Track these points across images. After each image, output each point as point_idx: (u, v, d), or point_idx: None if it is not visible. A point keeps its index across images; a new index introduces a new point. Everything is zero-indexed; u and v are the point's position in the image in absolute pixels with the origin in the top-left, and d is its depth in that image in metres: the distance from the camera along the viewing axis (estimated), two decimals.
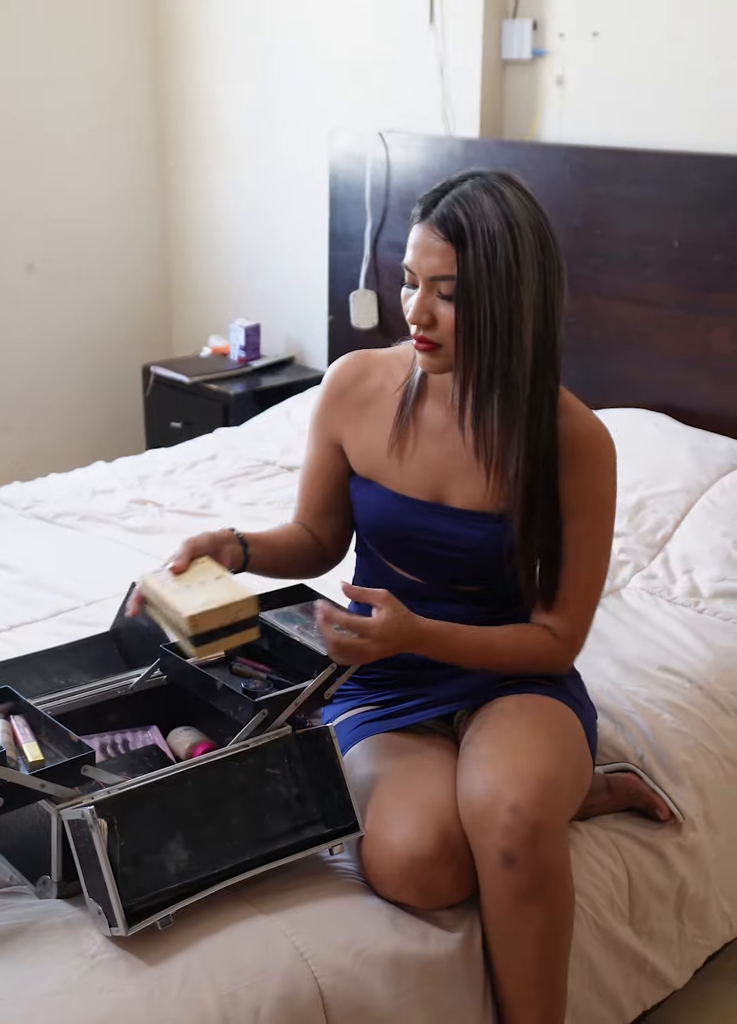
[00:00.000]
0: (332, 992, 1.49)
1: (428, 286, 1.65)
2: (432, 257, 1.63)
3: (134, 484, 3.11)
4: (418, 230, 1.66)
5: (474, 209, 1.60)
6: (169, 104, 4.36)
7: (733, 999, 2.16)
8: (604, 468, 1.79)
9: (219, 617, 1.60)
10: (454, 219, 1.60)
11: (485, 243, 1.59)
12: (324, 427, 1.91)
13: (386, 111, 3.64)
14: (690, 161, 2.95)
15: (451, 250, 1.61)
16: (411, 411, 1.84)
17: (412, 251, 1.67)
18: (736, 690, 2.20)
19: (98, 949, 1.45)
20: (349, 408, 1.88)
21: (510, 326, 1.64)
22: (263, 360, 4.15)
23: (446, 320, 1.65)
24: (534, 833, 1.55)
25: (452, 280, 1.62)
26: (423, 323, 1.67)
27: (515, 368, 1.66)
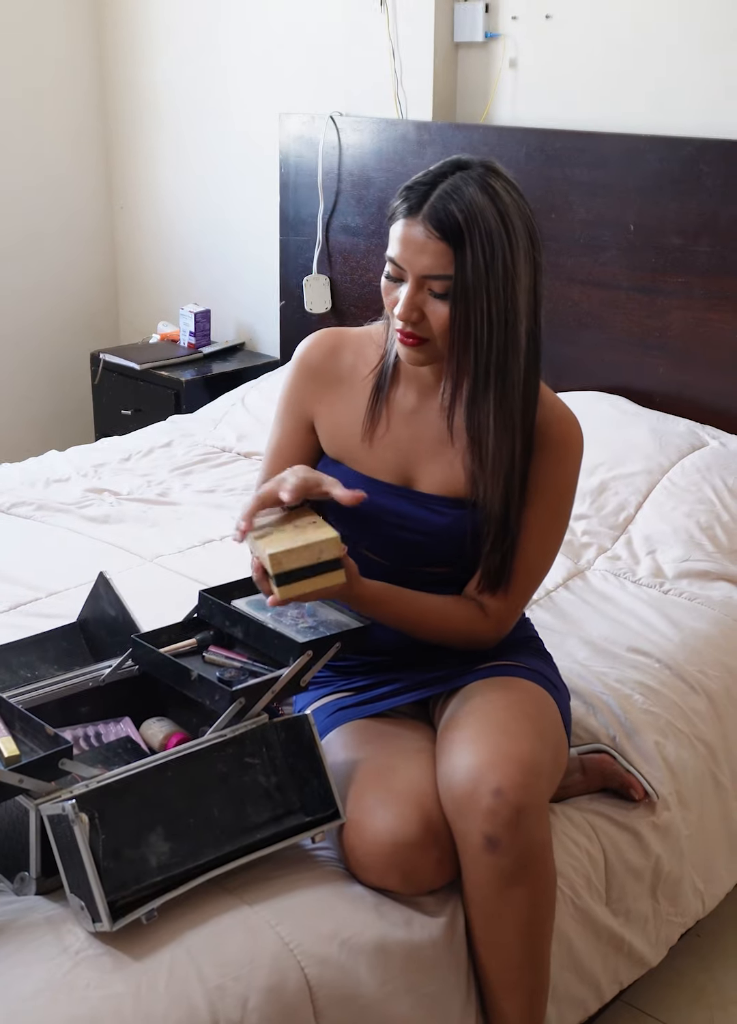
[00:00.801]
0: (318, 981, 1.48)
1: (419, 283, 1.63)
2: (426, 256, 1.61)
3: (89, 473, 3.07)
4: (409, 226, 1.62)
5: (470, 208, 1.57)
6: (113, 86, 4.29)
7: (705, 975, 2.18)
8: (571, 458, 1.80)
9: (301, 557, 1.58)
10: (450, 218, 1.58)
11: (483, 243, 1.58)
12: (296, 405, 1.88)
13: (337, 94, 3.61)
14: (645, 143, 2.95)
15: (447, 250, 1.59)
16: (387, 394, 1.82)
17: (402, 247, 1.63)
18: (704, 670, 2.22)
19: (82, 945, 1.42)
20: (321, 386, 1.86)
21: (506, 325, 1.63)
22: (214, 346, 4.11)
23: (437, 317, 1.64)
24: (517, 816, 1.55)
25: (446, 280, 1.61)
26: (413, 320, 1.65)
27: (511, 366, 1.66)
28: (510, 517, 1.73)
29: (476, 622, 1.79)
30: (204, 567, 2.49)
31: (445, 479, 1.80)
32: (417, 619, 1.77)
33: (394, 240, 1.65)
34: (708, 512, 2.60)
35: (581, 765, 1.96)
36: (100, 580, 1.92)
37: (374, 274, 3.55)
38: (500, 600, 1.78)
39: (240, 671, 1.72)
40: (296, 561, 1.59)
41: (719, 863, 2.13)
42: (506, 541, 1.75)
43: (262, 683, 1.66)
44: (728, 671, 2.25)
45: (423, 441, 1.82)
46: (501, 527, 1.73)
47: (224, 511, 2.83)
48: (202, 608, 1.82)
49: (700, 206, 2.88)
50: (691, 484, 2.67)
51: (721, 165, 2.84)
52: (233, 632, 1.78)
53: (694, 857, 2.04)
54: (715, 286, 2.89)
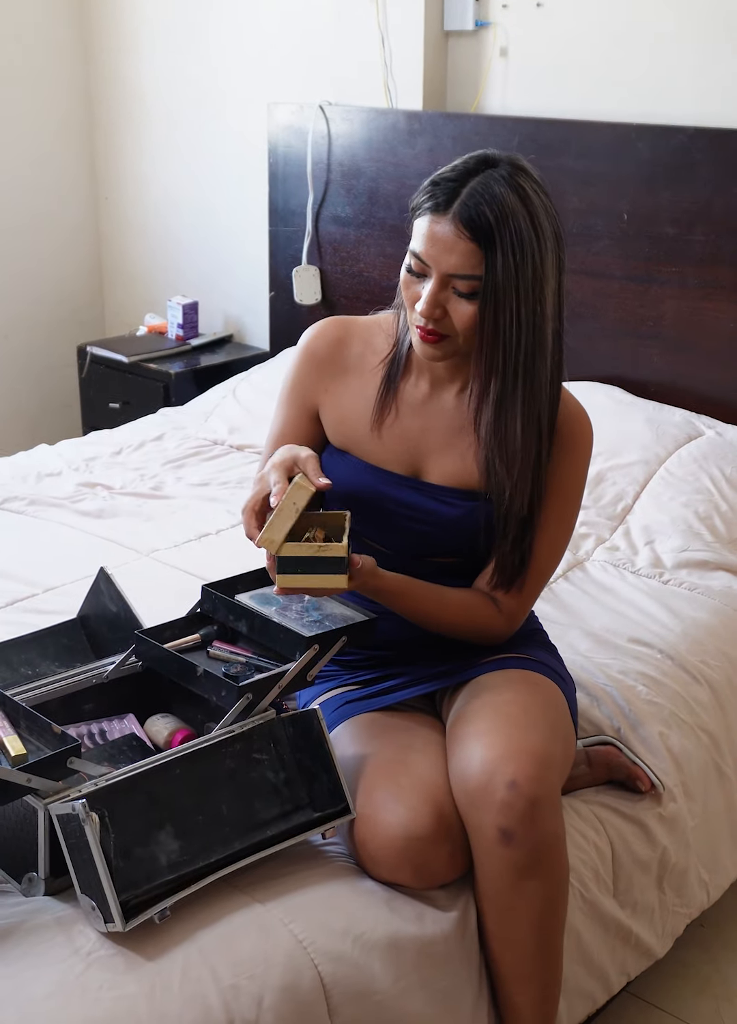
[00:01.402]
0: (332, 979, 1.46)
1: (444, 281, 1.61)
2: (455, 256, 1.59)
3: (81, 467, 3.04)
4: (437, 223, 1.59)
5: (502, 209, 1.56)
6: (98, 75, 4.25)
7: (710, 966, 2.17)
8: (581, 455, 1.80)
9: (301, 547, 1.56)
10: (482, 219, 1.56)
11: (513, 244, 1.57)
12: (301, 394, 1.86)
13: (326, 84, 3.59)
14: (637, 132, 2.94)
15: (477, 251, 1.58)
16: (397, 384, 1.81)
17: (429, 243, 1.60)
18: (705, 660, 2.21)
19: (93, 946, 1.40)
20: (328, 375, 1.84)
21: (534, 326, 1.63)
22: (202, 338, 4.08)
23: (460, 316, 1.62)
24: (532, 808, 1.54)
25: (473, 280, 1.59)
26: (436, 317, 1.63)
27: (539, 367, 1.66)
28: (533, 516, 1.73)
29: (490, 617, 1.78)
30: (201, 561, 2.47)
31: (456, 471, 1.79)
32: (434, 612, 1.76)
33: (419, 235, 1.62)
34: (706, 502, 2.60)
35: (587, 757, 1.95)
36: (101, 575, 1.90)
37: (364, 265, 3.54)
38: (513, 596, 1.77)
39: (245, 666, 1.71)
40: (294, 550, 1.57)
41: (723, 853, 2.12)
42: (525, 540, 1.74)
43: (269, 678, 1.64)
44: (729, 661, 2.24)
45: (434, 432, 1.80)
46: (523, 526, 1.73)
47: (219, 504, 2.81)
48: (205, 603, 1.80)
49: (694, 195, 2.87)
50: (688, 474, 2.67)
51: (715, 153, 2.83)
52: (237, 627, 1.76)
53: (699, 848, 2.04)
54: (709, 275, 2.89)
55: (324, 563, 1.58)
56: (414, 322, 1.67)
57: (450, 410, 1.79)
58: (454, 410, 1.79)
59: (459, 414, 1.79)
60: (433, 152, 3.28)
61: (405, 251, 1.67)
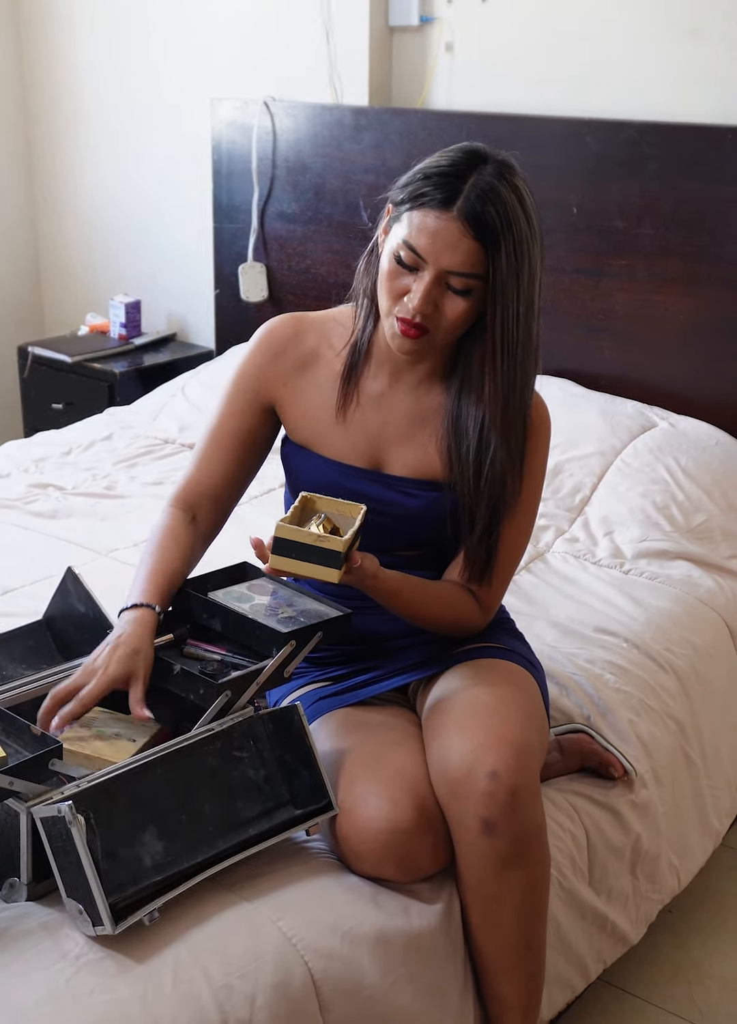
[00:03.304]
0: (323, 975, 1.45)
1: (440, 277, 1.61)
2: (457, 254, 1.58)
3: (30, 468, 2.99)
4: (438, 219, 1.58)
5: (506, 210, 1.57)
6: (32, 71, 4.17)
7: (681, 951, 2.19)
8: (542, 443, 1.81)
9: (300, 532, 1.56)
10: (489, 219, 1.56)
11: (515, 245, 1.58)
12: (254, 387, 1.83)
13: (271, 79, 3.57)
14: (585, 127, 2.96)
15: (480, 250, 1.58)
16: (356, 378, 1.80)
17: (430, 239, 1.59)
18: (670, 648, 2.24)
19: (81, 950, 1.38)
20: (286, 370, 1.82)
21: (528, 323, 1.64)
22: (145, 337, 4.04)
23: (452, 312, 1.63)
24: (513, 798, 1.54)
25: (473, 279, 1.60)
26: (427, 312, 1.63)
27: (528, 362, 1.68)
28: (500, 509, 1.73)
29: (470, 609, 1.78)
30: None
31: (417, 462, 1.79)
32: (422, 608, 1.76)
33: (417, 229, 1.60)
34: (663, 492, 2.63)
35: (559, 746, 1.96)
36: (68, 575, 1.87)
37: (311, 261, 3.52)
38: (487, 586, 1.78)
39: (221, 664, 1.69)
40: (295, 535, 1.56)
41: (692, 839, 2.15)
42: (493, 531, 1.74)
43: (247, 675, 1.63)
44: (693, 648, 2.27)
45: (394, 424, 1.80)
46: (491, 517, 1.73)
47: None
48: (178, 601, 1.78)
49: (642, 188, 2.90)
50: (645, 465, 2.69)
51: (663, 147, 2.86)
52: (211, 624, 1.74)
53: (669, 834, 2.06)
54: (659, 267, 2.92)
55: (320, 554, 1.57)
56: (396, 314, 1.66)
57: (410, 401, 1.79)
58: (414, 402, 1.79)
59: (419, 406, 1.79)
60: (380, 148, 3.28)
61: (352, 246, 1.68)
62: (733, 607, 2.43)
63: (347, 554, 1.57)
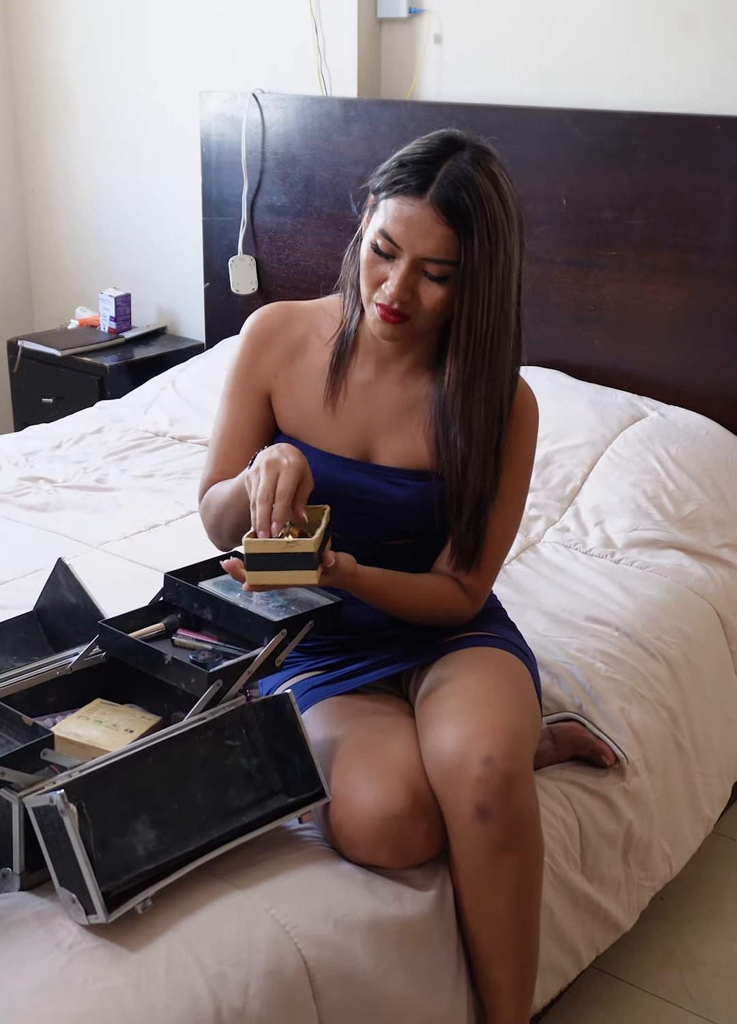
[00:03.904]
0: (316, 963, 1.46)
1: (416, 264, 1.61)
2: (431, 240, 1.58)
3: (21, 461, 2.99)
4: (412, 205, 1.58)
5: (479, 195, 1.57)
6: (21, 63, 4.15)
7: (673, 938, 2.20)
8: (529, 432, 1.82)
9: (267, 544, 1.55)
10: (461, 205, 1.56)
11: (488, 230, 1.57)
12: (251, 380, 1.83)
13: (260, 71, 3.56)
14: (574, 117, 2.96)
15: (453, 236, 1.58)
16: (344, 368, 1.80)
17: (404, 226, 1.59)
18: (661, 636, 2.24)
19: (75, 939, 1.38)
20: (277, 359, 1.82)
21: (503, 309, 1.64)
22: (135, 331, 4.03)
23: (429, 299, 1.62)
24: (507, 784, 1.55)
25: (448, 265, 1.59)
26: (404, 299, 1.63)
27: (504, 349, 1.67)
28: (488, 494, 1.73)
29: (457, 600, 1.79)
30: (153, 552, 2.44)
31: (406, 452, 1.79)
32: (407, 603, 1.76)
33: (391, 217, 1.60)
34: (653, 482, 2.63)
35: (551, 734, 1.97)
36: (59, 567, 1.87)
37: (301, 253, 3.52)
38: (475, 576, 1.78)
39: (213, 653, 1.69)
40: (264, 547, 1.56)
41: (684, 826, 2.15)
42: (481, 520, 1.75)
43: (238, 664, 1.62)
44: (684, 637, 2.28)
45: (382, 414, 1.80)
46: (478, 506, 1.74)
47: (166, 495, 2.79)
48: (168, 591, 1.78)
49: (632, 179, 2.90)
50: (635, 455, 2.70)
51: (652, 138, 2.86)
52: (202, 614, 1.74)
53: (661, 821, 2.07)
54: (648, 258, 2.92)
55: (293, 559, 1.56)
56: (375, 300, 1.66)
57: (397, 391, 1.79)
58: (402, 391, 1.79)
59: (406, 395, 1.79)
60: (369, 139, 3.28)
61: (342, 238, 1.67)
62: (724, 596, 2.43)
63: (320, 554, 1.57)
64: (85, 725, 1.62)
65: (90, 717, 1.65)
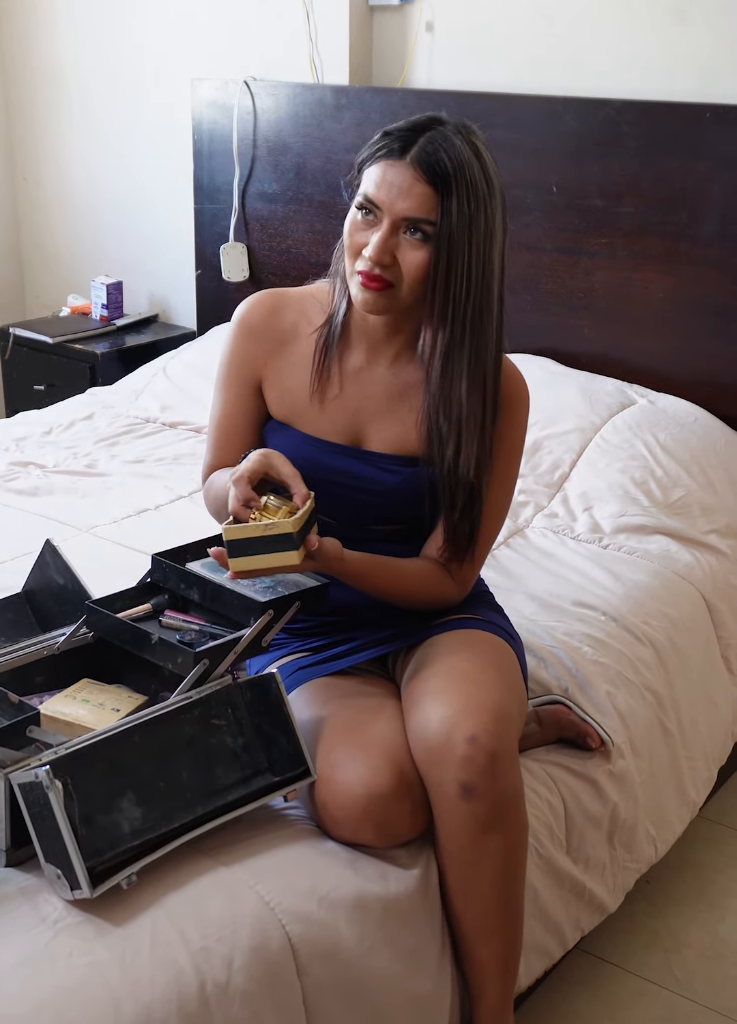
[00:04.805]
0: (300, 939, 1.46)
1: (395, 226, 1.62)
2: (410, 199, 1.59)
3: (11, 447, 2.99)
4: (391, 167, 1.60)
5: (459, 157, 1.58)
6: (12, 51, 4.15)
7: (657, 920, 2.21)
8: (520, 417, 1.82)
9: (246, 528, 1.55)
10: (440, 164, 1.57)
11: (468, 193, 1.58)
12: (241, 368, 1.84)
13: (251, 59, 3.56)
14: (565, 105, 2.97)
15: (433, 195, 1.59)
16: (334, 353, 1.80)
17: (384, 188, 1.60)
18: (648, 621, 2.25)
19: (60, 914, 1.39)
20: (267, 346, 1.83)
21: (482, 282, 1.64)
22: (126, 318, 4.03)
23: (411, 263, 1.63)
24: (492, 762, 1.55)
25: (427, 224, 1.60)
26: (385, 263, 1.63)
27: (486, 324, 1.67)
28: (481, 484, 1.74)
29: (445, 585, 1.79)
30: (142, 536, 2.44)
31: (396, 437, 1.80)
32: (394, 588, 1.77)
33: (372, 181, 1.62)
34: (642, 468, 2.64)
35: (537, 717, 1.98)
36: (47, 548, 1.87)
37: (293, 241, 3.52)
38: (464, 562, 1.79)
39: (199, 633, 1.69)
40: (242, 532, 1.56)
41: (669, 809, 2.16)
42: (474, 508, 1.75)
43: (225, 644, 1.63)
44: (671, 621, 2.28)
45: (373, 400, 1.80)
46: (471, 495, 1.74)
47: (156, 480, 2.79)
48: (155, 572, 1.78)
49: (622, 167, 2.91)
50: (624, 441, 2.70)
51: (642, 126, 2.86)
52: (189, 595, 1.75)
53: (647, 804, 2.07)
54: (638, 246, 2.92)
55: (273, 541, 1.56)
56: (357, 268, 1.66)
57: (388, 377, 1.80)
58: (392, 377, 1.80)
59: (397, 381, 1.79)
60: (360, 127, 3.28)
61: (333, 226, 1.68)
62: (710, 581, 2.44)
63: (301, 536, 1.56)
64: (72, 704, 1.63)
65: (77, 696, 1.65)
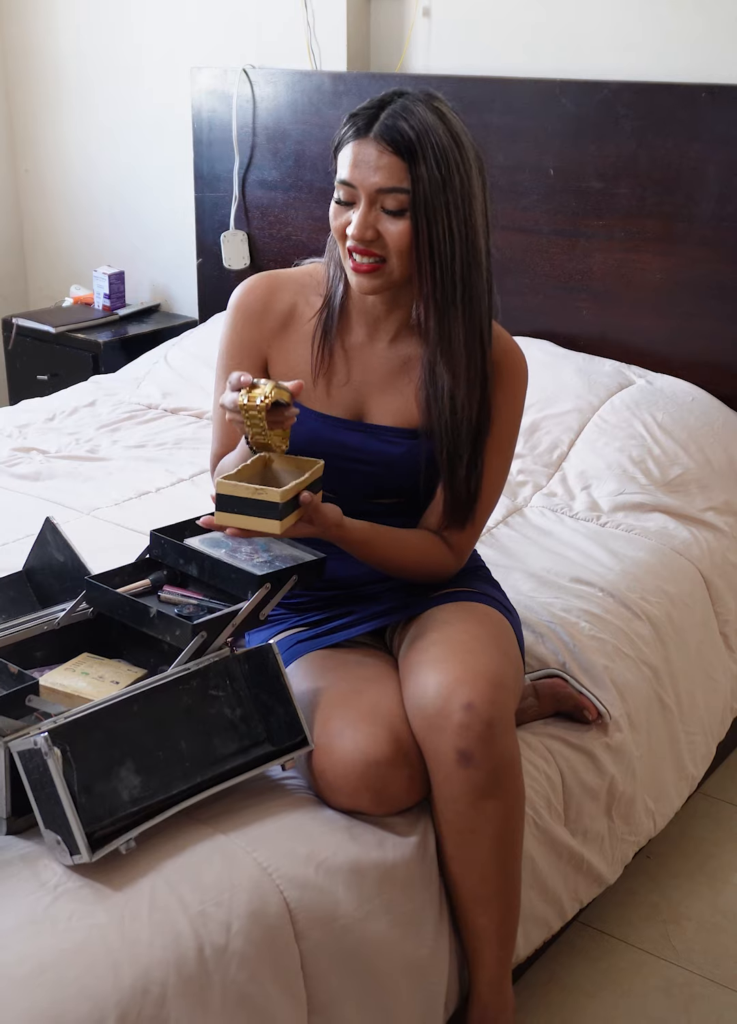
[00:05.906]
0: (298, 904, 1.48)
1: (372, 200, 1.63)
2: (380, 172, 1.61)
3: (14, 433, 3.01)
4: (358, 145, 1.63)
5: (421, 124, 1.60)
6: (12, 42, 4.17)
7: (656, 894, 2.23)
8: (519, 387, 1.83)
9: (238, 488, 1.56)
10: (403, 134, 1.59)
11: (436, 157, 1.60)
12: (244, 352, 1.85)
13: (250, 47, 3.58)
14: (561, 88, 2.98)
15: (401, 164, 1.60)
16: (335, 334, 1.82)
17: (353, 167, 1.63)
18: (645, 596, 2.26)
19: (60, 880, 1.40)
20: (268, 328, 1.84)
21: (467, 238, 1.66)
22: (129, 308, 4.05)
23: (393, 234, 1.64)
24: (489, 729, 1.57)
25: (401, 193, 1.62)
26: (368, 239, 1.65)
27: (476, 279, 1.69)
28: (480, 448, 1.75)
29: (443, 556, 1.81)
30: (143, 518, 2.46)
31: (397, 409, 1.81)
32: (394, 558, 1.78)
33: (344, 164, 1.65)
34: (640, 447, 2.65)
35: (534, 691, 1.99)
36: (47, 526, 1.89)
37: (293, 228, 3.54)
38: (462, 533, 1.80)
39: (197, 607, 1.71)
40: (233, 489, 1.57)
41: (668, 783, 2.18)
42: (473, 478, 1.76)
43: (223, 616, 1.65)
44: (668, 597, 2.30)
45: (374, 374, 1.82)
46: (470, 465, 1.75)
47: (157, 464, 2.81)
48: (154, 548, 1.80)
49: (618, 149, 2.92)
50: (622, 421, 2.72)
51: (638, 107, 2.87)
52: (187, 570, 1.76)
53: (645, 777, 2.09)
54: (635, 227, 2.93)
55: (259, 506, 1.57)
56: (348, 251, 1.68)
57: (388, 352, 1.82)
58: (393, 351, 1.81)
59: (398, 355, 1.81)
60: None
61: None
62: (708, 558, 2.45)
63: (289, 506, 1.56)
64: (71, 676, 1.65)
65: (76, 669, 1.67)
